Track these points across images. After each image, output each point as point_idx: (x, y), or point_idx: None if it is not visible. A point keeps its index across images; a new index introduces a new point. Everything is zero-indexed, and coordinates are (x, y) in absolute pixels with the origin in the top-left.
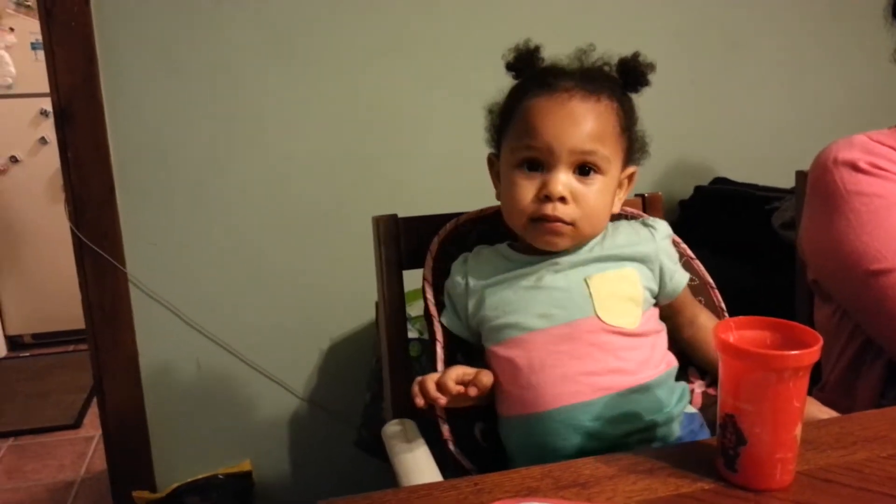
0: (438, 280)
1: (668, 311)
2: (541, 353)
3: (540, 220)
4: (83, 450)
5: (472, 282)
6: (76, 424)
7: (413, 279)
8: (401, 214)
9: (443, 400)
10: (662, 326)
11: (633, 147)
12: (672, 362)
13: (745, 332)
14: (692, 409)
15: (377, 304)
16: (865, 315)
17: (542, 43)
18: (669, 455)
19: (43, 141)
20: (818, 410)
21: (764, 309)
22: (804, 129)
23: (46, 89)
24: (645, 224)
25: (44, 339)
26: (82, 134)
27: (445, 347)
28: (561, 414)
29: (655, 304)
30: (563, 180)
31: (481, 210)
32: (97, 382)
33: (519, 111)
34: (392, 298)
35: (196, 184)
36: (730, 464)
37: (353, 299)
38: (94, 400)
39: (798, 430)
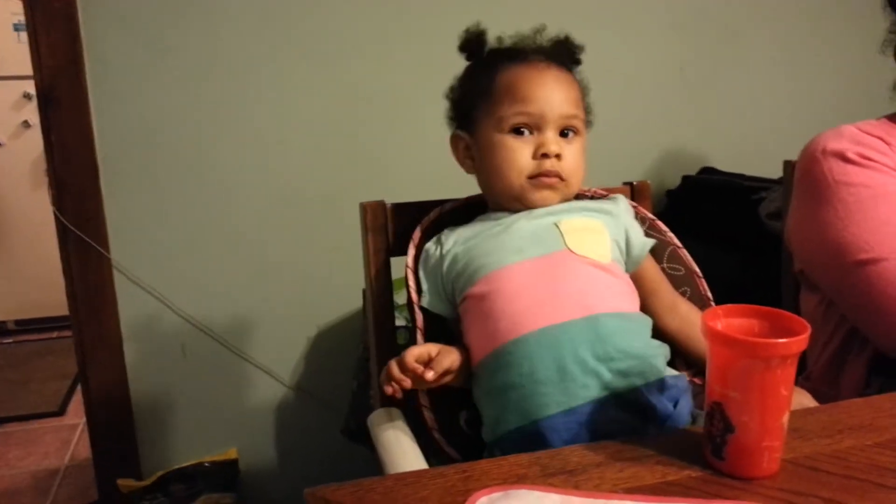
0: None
1: (643, 289)
2: (515, 282)
3: (538, 177)
4: (68, 437)
5: (446, 248)
6: (60, 412)
7: (400, 267)
8: (390, 201)
9: (406, 382)
10: (635, 289)
11: (588, 115)
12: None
13: (733, 320)
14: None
15: (364, 292)
16: (851, 305)
17: (539, 30)
18: (657, 443)
19: (26, 124)
20: (806, 399)
21: (750, 299)
22: (795, 121)
23: (30, 72)
24: (605, 198)
25: (27, 326)
26: (66, 118)
27: (425, 334)
28: (540, 336)
29: (626, 271)
30: (556, 139)
31: (467, 198)
32: (81, 369)
33: (500, 83)
34: (379, 286)
35: (182, 169)
36: (717, 451)
37: (341, 286)
38: (79, 387)
39: (785, 419)
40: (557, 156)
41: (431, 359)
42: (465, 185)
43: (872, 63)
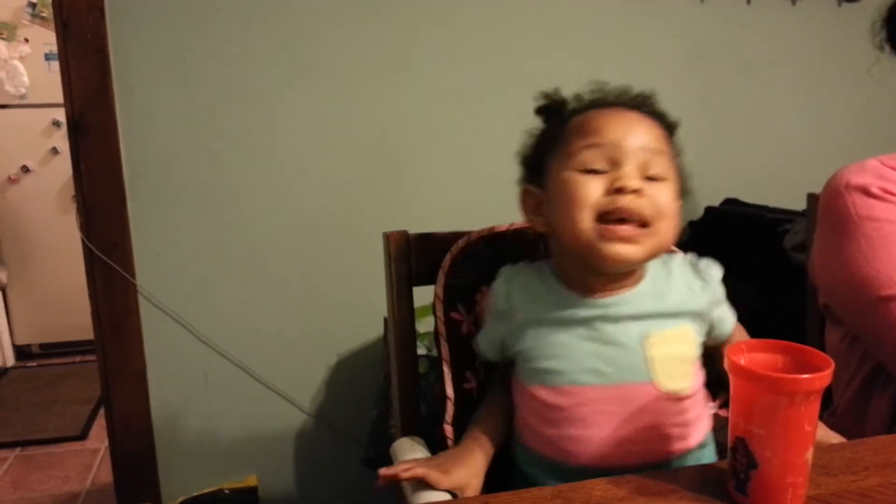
0: (450, 297)
1: (709, 344)
2: (589, 408)
3: (609, 223)
4: (89, 462)
5: (515, 310)
6: (82, 436)
7: (421, 295)
8: (411, 230)
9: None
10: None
11: (681, 179)
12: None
13: (757, 355)
14: None
15: (386, 320)
16: (876, 340)
17: (554, 61)
18: (681, 477)
19: (54, 151)
20: (828, 435)
21: (774, 331)
22: (816, 151)
23: (59, 100)
24: (696, 271)
25: (51, 350)
26: (95, 145)
27: (452, 367)
28: (601, 475)
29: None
30: (637, 175)
31: (492, 228)
32: (104, 394)
33: (572, 125)
34: (402, 315)
35: (207, 197)
36: (741, 487)
37: (362, 314)
38: (101, 411)
39: (809, 455)
40: (637, 192)
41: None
42: (488, 215)
43: (893, 95)
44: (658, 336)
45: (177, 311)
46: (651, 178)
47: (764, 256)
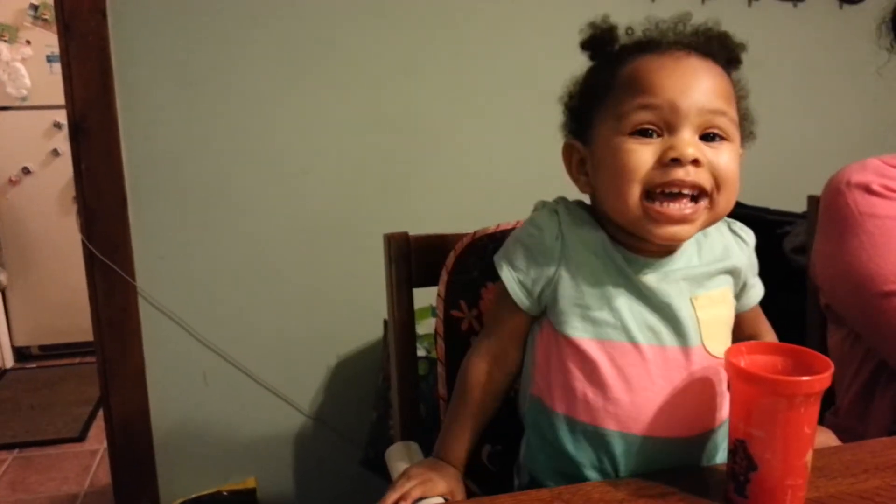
0: (452, 294)
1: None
2: (640, 369)
3: (659, 201)
4: (87, 463)
5: (566, 248)
6: (81, 437)
7: (420, 297)
8: (412, 232)
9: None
10: None
11: (745, 123)
12: None
13: (757, 357)
14: None
15: (386, 322)
16: (878, 338)
17: (557, 63)
18: (680, 479)
19: (55, 153)
20: (829, 438)
21: (774, 333)
22: (816, 153)
23: (60, 101)
24: (733, 231)
25: (51, 351)
26: (96, 147)
27: (447, 366)
28: (646, 442)
29: None
30: (693, 141)
31: (498, 225)
32: (104, 395)
33: (623, 74)
34: (402, 317)
35: (208, 198)
36: (740, 489)
37: (362, 316)
38: (100, 413)
39: (809, 457)
40: (695, 161)
41: None
42: (489, 217)
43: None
44: (705, 297)
45: (176, 313)
46: (711, 139)
47: (764, 258)
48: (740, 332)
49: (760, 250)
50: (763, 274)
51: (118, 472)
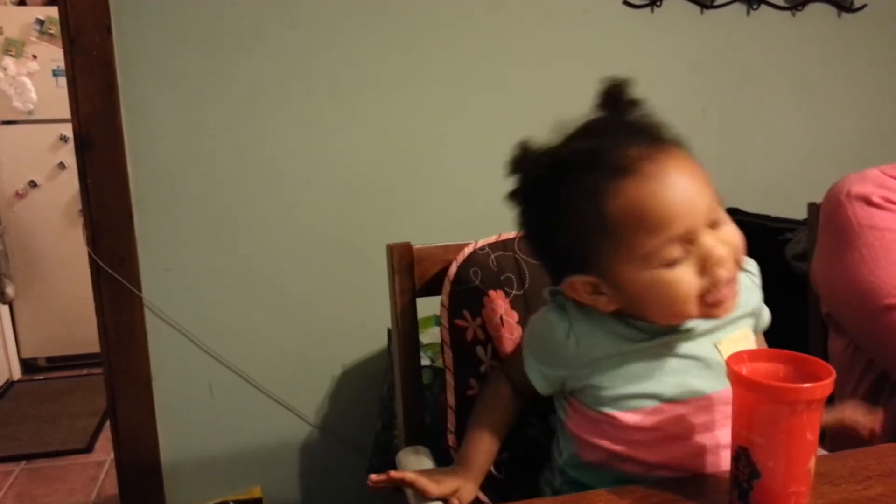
0: (455, 304)
1: None
2: (678, 424)
3: (713, 293)
4: (95, 474)
5: (584, 347)
6: (88, 448)
7: (425, 306)
8: (416, 242)
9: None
10: None
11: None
12: None
13: (759, 365)
14: None
15: (389, 332)
16: (879, 349)
17: (557, 73)
18: (684, 487)
19: (61, 166)
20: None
21: (776, 340)
22: (817, 161)
23: (66, 115)
24: (743, 269)
25: (58, 363)
26: (102, 160)
27: (455, 374)
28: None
29: None
30: (715, 239)
31: (499, 234)
32: (111, 406)
33: (619, 214)
34: (405, 326)
35: (212, 210)
36: (743, 497)
37: (366, 326)
38: (107, 424)
39: (812, 464)
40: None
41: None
42: (492, 228)
43: (894, 105)
44: (727, 341)
45: (182, 324)
46: (717, 224)
47: (765, 266)
48: None
49: (762, 258)
50: (765, 281)
51: (125, 482)
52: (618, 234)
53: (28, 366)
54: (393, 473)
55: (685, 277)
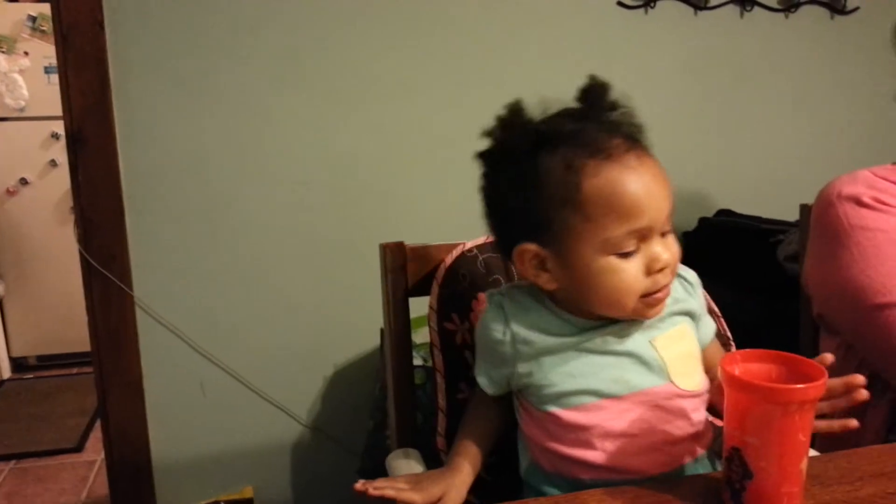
0: (444, 307)
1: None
2: (618, 420)
3: (653, 294)
4: (85, 474)
5: (520, 348)
6: (78, 448)
7: (417, 306)
8: (408, 242)
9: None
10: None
11: None
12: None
13: (751, 365)
14: None
15: (382, 331)
16: (871, 349)
17: (551, 74)
18: (676, 488)
19: (53, 163)
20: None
21: (768, 341)
22: (809, 162)
23: (58, 112)
24: (678, 276)
25: (48, 362)
26: (94, 157)
27: (446, 377)
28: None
29: None
30: (663, 246)
31: (487, 237)
32: (101, 406)
33: (591, 192)
34: (398, 326)
35: (205, 209)
36: (736, 497)
37: (358, 326)
38: (97, 423)
39: (804, 464)
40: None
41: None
42: (485, 228)
43: (886, 107)
44: (663, 338)
45: (174, 323)
46: (666, 234)
47: (757, 267)
48: (708, 372)
49: (754, 259)
50: (757, 282)
51: (116, 482)
52: (586, 212)
53: (18, 364)
54: (373, 488)
55: (631, 270)
